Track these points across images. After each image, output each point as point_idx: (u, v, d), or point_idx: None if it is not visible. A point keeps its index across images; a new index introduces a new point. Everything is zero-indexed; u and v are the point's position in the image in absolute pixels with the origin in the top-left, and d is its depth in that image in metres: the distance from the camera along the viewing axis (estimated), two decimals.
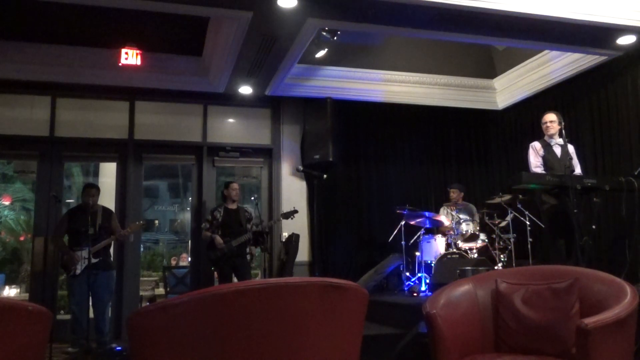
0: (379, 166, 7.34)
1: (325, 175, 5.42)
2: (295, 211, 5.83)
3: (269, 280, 1.92)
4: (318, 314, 1.95)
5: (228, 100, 6.85)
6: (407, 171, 7.43)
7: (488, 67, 7.52)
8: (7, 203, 10.74)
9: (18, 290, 7.92)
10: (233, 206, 5.89)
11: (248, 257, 5.83)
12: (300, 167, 5.59)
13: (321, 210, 6.91)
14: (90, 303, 5.03)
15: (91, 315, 5.03)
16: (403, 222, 6.29)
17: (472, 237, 6.09)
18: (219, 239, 5.65)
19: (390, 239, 6.36)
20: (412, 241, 6.42)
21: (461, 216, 6.30)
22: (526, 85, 7.05)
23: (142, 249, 6.91)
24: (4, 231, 10.61)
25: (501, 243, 5.99)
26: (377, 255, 6.76)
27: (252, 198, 9.61)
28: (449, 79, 7.36)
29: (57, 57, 6.15)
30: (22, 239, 10.32)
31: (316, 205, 6.77)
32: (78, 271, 4.98)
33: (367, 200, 7.19)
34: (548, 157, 4.98)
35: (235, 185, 5.92)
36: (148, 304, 6.70)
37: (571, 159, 4.78)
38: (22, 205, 10.92)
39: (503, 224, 6.05)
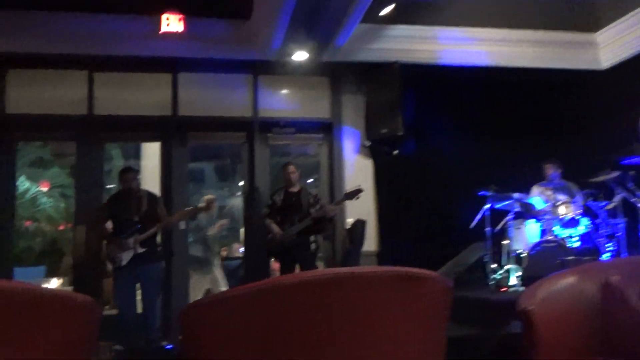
0: (458, 140, 7.18)
1: (395, 151, 5.37)
2: (360, 190, 5.82)
3: (336, 270, 1.93)
4: (392, 308, 1.94)
5: (281, 68, 6.89)
6: (491, 146, 7.23)
7: (589, 17, 7.16)
8: (44, 190, 11.33)
9: (61, 281, 8.37)
10: (294, 188, 5.93)
11: (313, 246, 5.87)
12: (367, 143, 5.56)
13: (390, 192, 6.87)
14: (138, 298, 5.26)
15: (139, 310, 5.26)
16: (487, 206, 6.18)
17: (573, 222, 5.91)
18: (274, 227, 5.73)
19: (473, 225, 6.26)
20: (498, 228, 6.30)
21: (558, 197, 6.13)
22: (638, 39, 6.70)
23: (190, 239, 7.12)
24: (43, 220, 11.22)
25: (608, 229, 5.78)
26: (456, 244, 6.67)
27: (311, 180, 9.69)
28: (540, 34, 7.09)
29: (92, 28, 6.35)
30: (61, 228, 10.88)
31: (385, 187, 6.73)
32: (123, 262, 5.19)
33: (444, 180, 7.07)
34: None
35: (291, 168, 5.96)
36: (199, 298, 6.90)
37: None
38: (60, 192, 11.50)
39: (610, 206, 5.83)
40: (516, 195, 6.16)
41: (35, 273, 9.14)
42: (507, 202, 6.22)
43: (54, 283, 8.22)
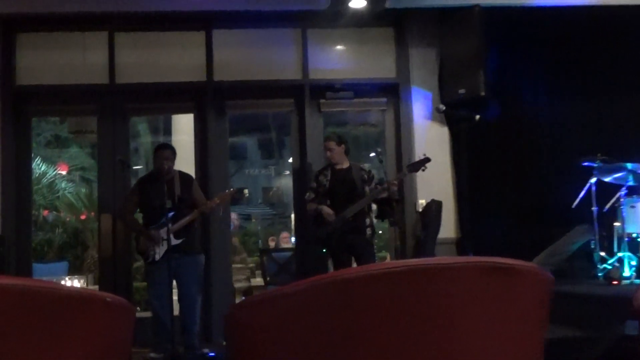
0: (554, 100, 7.02)
1: (477, 116, 5.30)
2: (427, 159, 5.79)
3: (407, 261, 1.93)
4: (477, 306, 1.93)
5: (334, 20, 6.87)
6: (597, 105, 7.04)
7: None
8: (63, 173, 11.69)
9: (83, 281, 8.65)
10: (343, 165, 5.96)
11: (368, 231, 5.91)
12: (442, 107, 5.52)
13: (471, 166, 6.79)
14: (175, 298, 5.40)
15: (176, 312, 5.40)
16: (593, 180, 6.05)
17: None
18: (327, 210, 5.76)
19: (575, 204, 6.14)
20: (607, 207, 6.15)
21: None
22: None
23: (231, 227, 7.26)
24: (63, 209, 11.60)
25: None
26: (554, 228, 6.56)
27: (373, 154, 9.68)
28: None
29: None
30: (83, 217, 11.24)
31: (464, 160, 6.65)
32: (157, 256, 5.34)
33: (538, 149, 6.94)
34: None
35: (328, 145, 5.97)
36: (244, 298, 7.05)
37: None
38: (81, 176, 11.89)
39: None
40: (630, 165, 5.98)
41: (56, 269, 9.51)
42: (618, 175, 6.07)
43: (78, 281, 8.52)
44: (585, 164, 6.07)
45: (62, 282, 8.09)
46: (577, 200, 6.16)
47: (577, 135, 6.95)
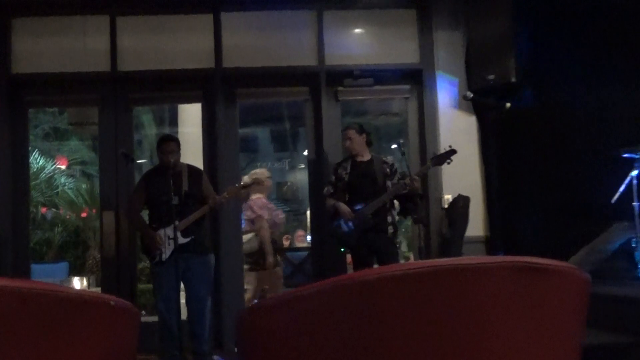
0: (593, 86, 6.94)
1: (508, 104, 5.28)
2: (453, 151, 5.78)
3: (436, 261, 1.93)
4: (509, 309, 1.94)
5: (352, 1, 6.85)
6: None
7: None
8: (63, 167, 11.76)
9: (85, 283, 8.72)
10: (364, 157, 5.96)
11: (390, 230, 5.91)
12: (469, 94, 5.50)
13: (501, 158, 6.77)
14: (184, 300, 5.42)
15: (184, 316, 5.43)
16: (635, 173, 6.00)
17: None
18: (344, 207, 5.77)
19: (615, 199, 6.10)
20: None
21: None
22: None
23: (243, 225, 7.28)
24: (62, 206, 11.67)
25: None
26: (592, 225, 6.50)
27: (395, 145, 9.66)
28: None
29: None
30: (84, 214, 11.31)
31: (494, 152, 6.63)
32: (164, 256, 5.36)
33: (575, 140, 6.88)
34: None
35: (347, 134, 5.99)
36: (256, 301, 7.10)
37: None
38: (81, 170, 11.96)
39: None
40: None
41: (55, 270, 9.62)
42: None
43: (78, 283, 8.60)
44: (626, 155, 6.02)
45: (63, 284, 8.20)
46: (617, 194, 6.12)
47: (617, 124, 6.88)
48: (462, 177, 6.45)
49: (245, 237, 7.26)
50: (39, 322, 1.78)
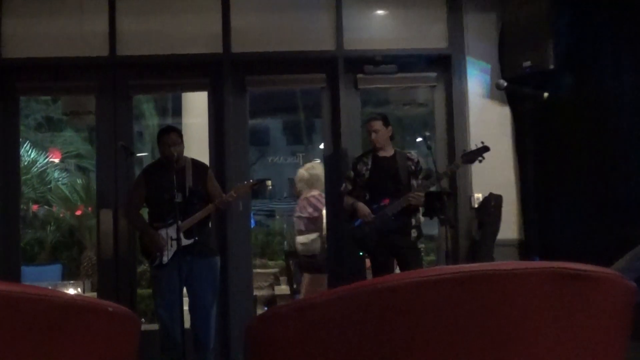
0: (639, 74, 6.92)
1: (546, 94, 5.26)
2: (485, 148, 5.79)
3: (465, 267, 1.92)
4: (545, 319, 1.93)
5: None
6: None
7: None
8: (56, 161, 11.81)
9: (80, 288, 8.76)
10: (387, 152, 5.96)
11: (414, 233, 5.92)
12: (503, 82, 5.47)
13: (538, 153, 6.74)
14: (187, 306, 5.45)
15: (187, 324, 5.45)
16: None
17: None
18: (363, 208, 5.78)
19: None
20: None
21: None
22: None
23: (252, 225, 7.30)
24: (56, 203, 11.74)
25: None
26: (637, 228, 6.48)
27: (420, 139, 9.64)
28: None
29: None
30: (79, 212, 11.36)
31: (530, 146, 6.61)
32: (165, 259, 5.38)
33: (619, 133, 6.85)
34: None
35: (373, 125, 5.98)
36: (266, 308, 7.09)
37: None
38: (76, 164, 12.01)
39: None
40: None
41: (48, 273, 9.65)
42: None
43: (74, 287, 8.63)
44: None
45: (56, 288, 8.23)
46: None
47: None
48: (494, 174, 6.43)
49: (306, 238, 7.31)
50: (29, 330, 1.78)
